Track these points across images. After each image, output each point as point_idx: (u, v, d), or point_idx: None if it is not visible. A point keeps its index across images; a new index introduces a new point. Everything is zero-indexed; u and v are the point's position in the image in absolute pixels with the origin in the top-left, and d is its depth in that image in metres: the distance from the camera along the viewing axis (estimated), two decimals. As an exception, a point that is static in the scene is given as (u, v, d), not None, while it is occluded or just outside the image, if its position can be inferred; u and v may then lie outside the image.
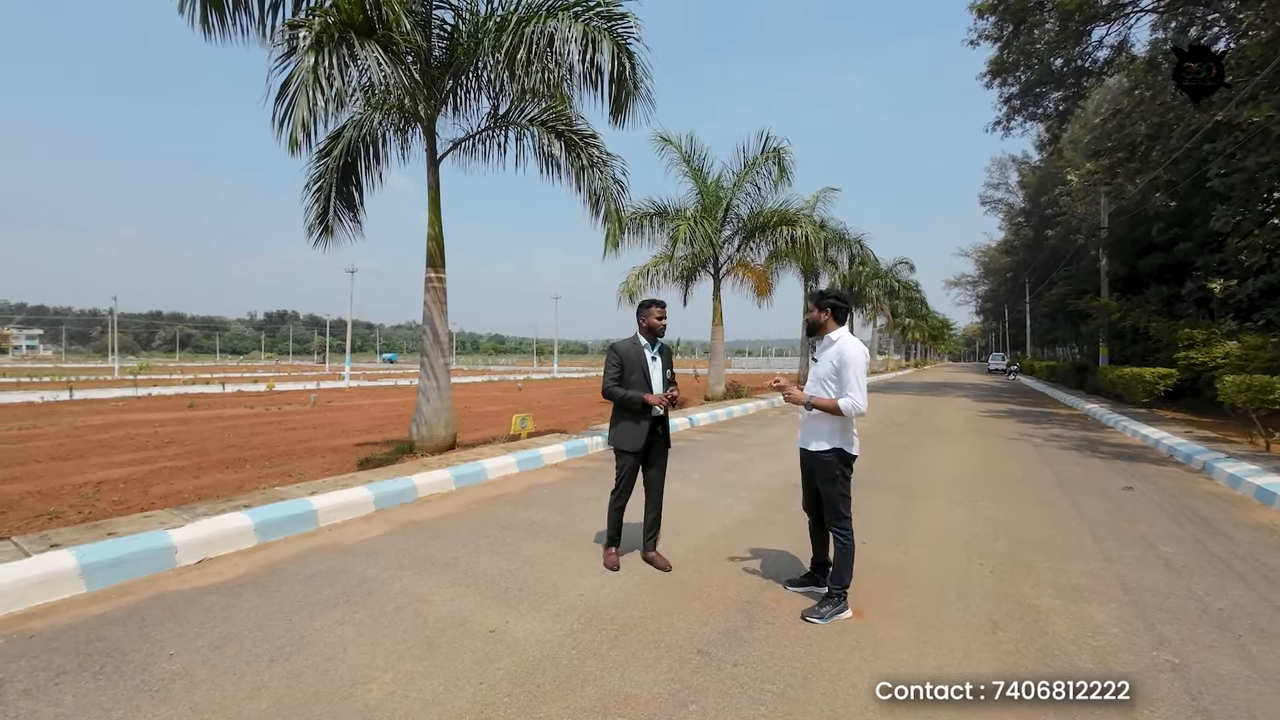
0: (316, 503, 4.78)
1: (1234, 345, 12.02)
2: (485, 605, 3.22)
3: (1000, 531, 4.66)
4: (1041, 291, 36.73)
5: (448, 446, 7.30)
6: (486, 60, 6.42)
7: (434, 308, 7.21)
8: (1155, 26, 19.61)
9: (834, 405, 3.05)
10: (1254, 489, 6.01)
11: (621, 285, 15.27)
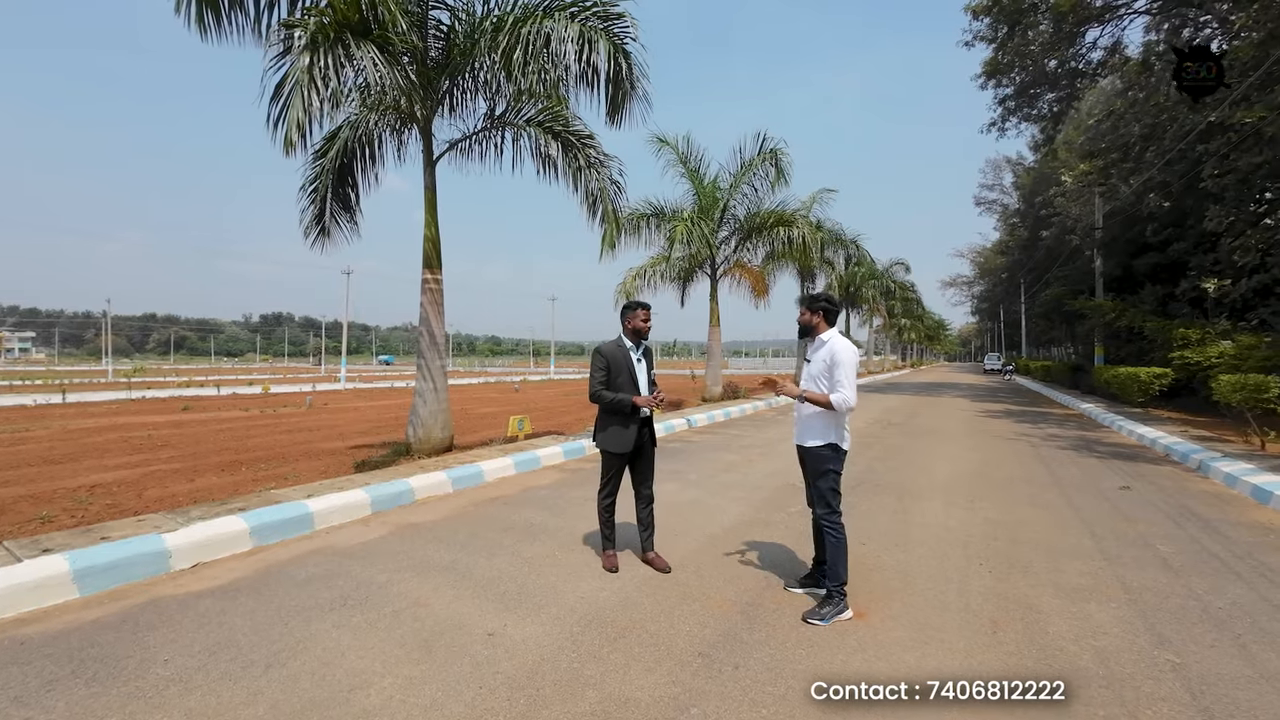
0: (313, 505, 4.74)
1: (1228, 345, 12.08)
2: (484, 608, 3.19)
3: (999, 532, 4.66)
4: (1037, 292, 36.89)
5: (445, 448, 7.27)
6: (483, 61, 6.40)
7: (430, 309, 7.18)
8: (1148, 28, 19.72)
9: (826, 400, 3.09)
10: (1250, 488, 6.03)
11: (618, 286, 15.25)
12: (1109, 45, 20.22)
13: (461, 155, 7.84)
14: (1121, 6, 18.84)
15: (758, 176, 13.80)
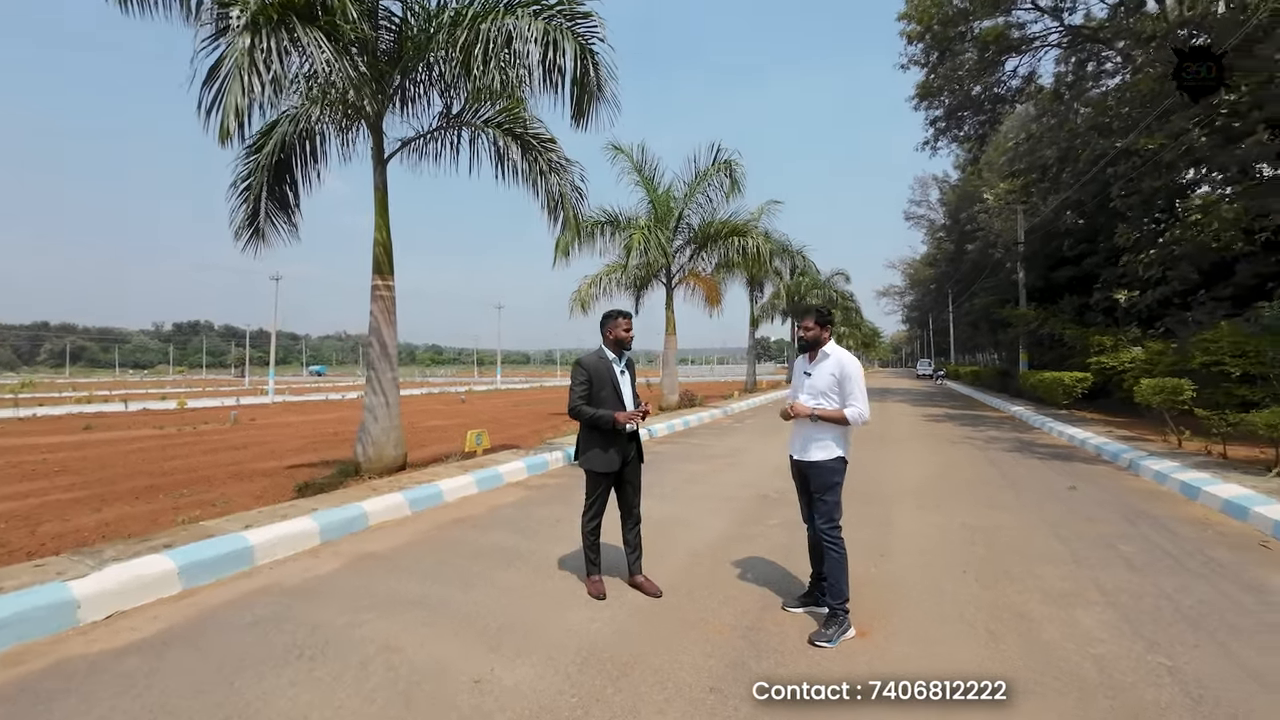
0: (253, 537, 4.23)
1: (1139, 351, 13.14)
2: (466, 649, 2.88)
3: (974, 537, 4.74)
4: (964, 301, 39.31)
5: (398, 467, 6.77)
6: (439, 56, 6.04)
7: (382, 318, 6.69)
8: (1059, 60, 21.47)
9: (840, 415, 3.00)
10: (1179, 484, 6.48)
11: (574, 294, 14.97)
12: (1026, 74, 21.91)
13: (415, 155, 7.41)
14: (1036, 39, 20.41)
15: (712, 186, 13.92)
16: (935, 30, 19.61)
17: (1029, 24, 19.72)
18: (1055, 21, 19.23)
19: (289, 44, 4.60)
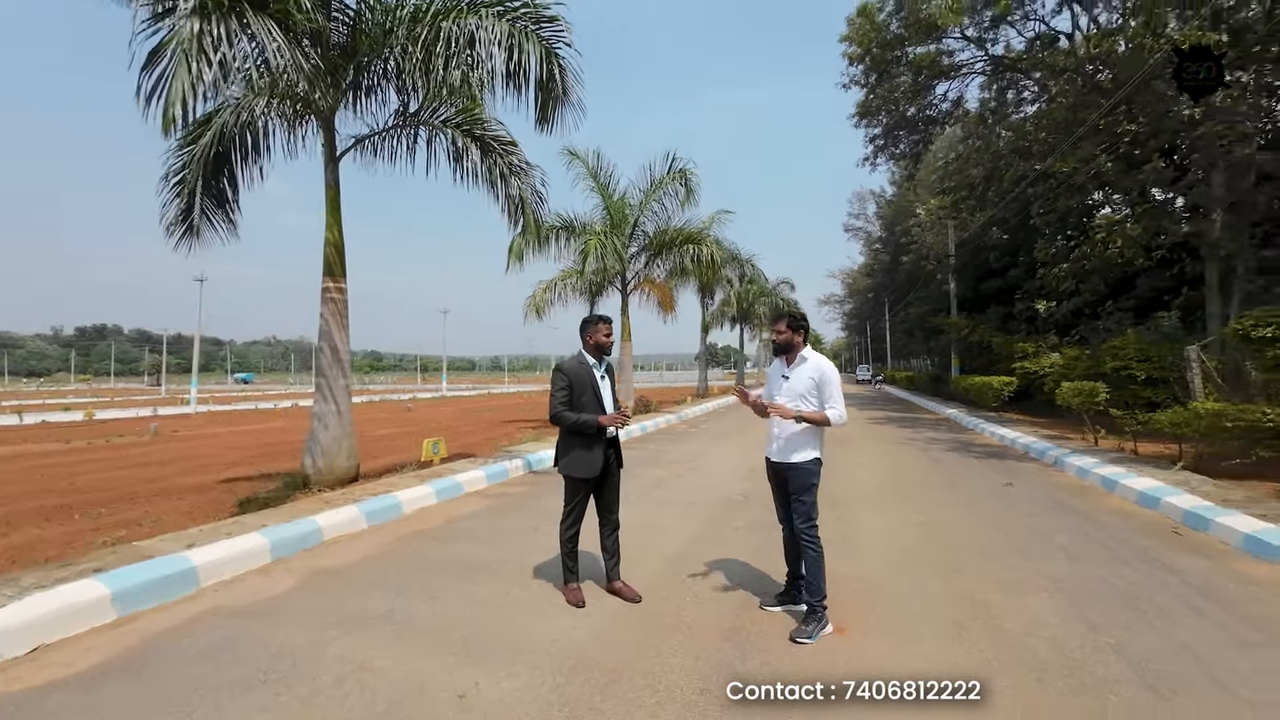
0: (196, 557, 3.92)
1: (1057, 357, 14.25)
2: (445, 663, 2.78)
3: (930, 534, 4.99)
4: (899, 310, 41.46)
5: (350, 479, 6.45)
6: (397, 53, 5.85)
7: (333, 321, 6.37)
8: (983, 87, 23.07)
9: (823, 417, 3.11)
10: (1099, 479, 7.05)
11: (529, 299, 14.77)
12: (955, 98, 23.44)
13: (369, 153, 7.12)
14: (963, 66, 21.88)
15: (668, 195, 14.10)
16: (874, 53, 20.69)
17: (957, 52, 21.12)
18: (980, 51, 20.70)
19: (239, 30, 4.33)
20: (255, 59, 4.58)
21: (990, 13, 18.93)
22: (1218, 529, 4.85)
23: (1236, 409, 6.65)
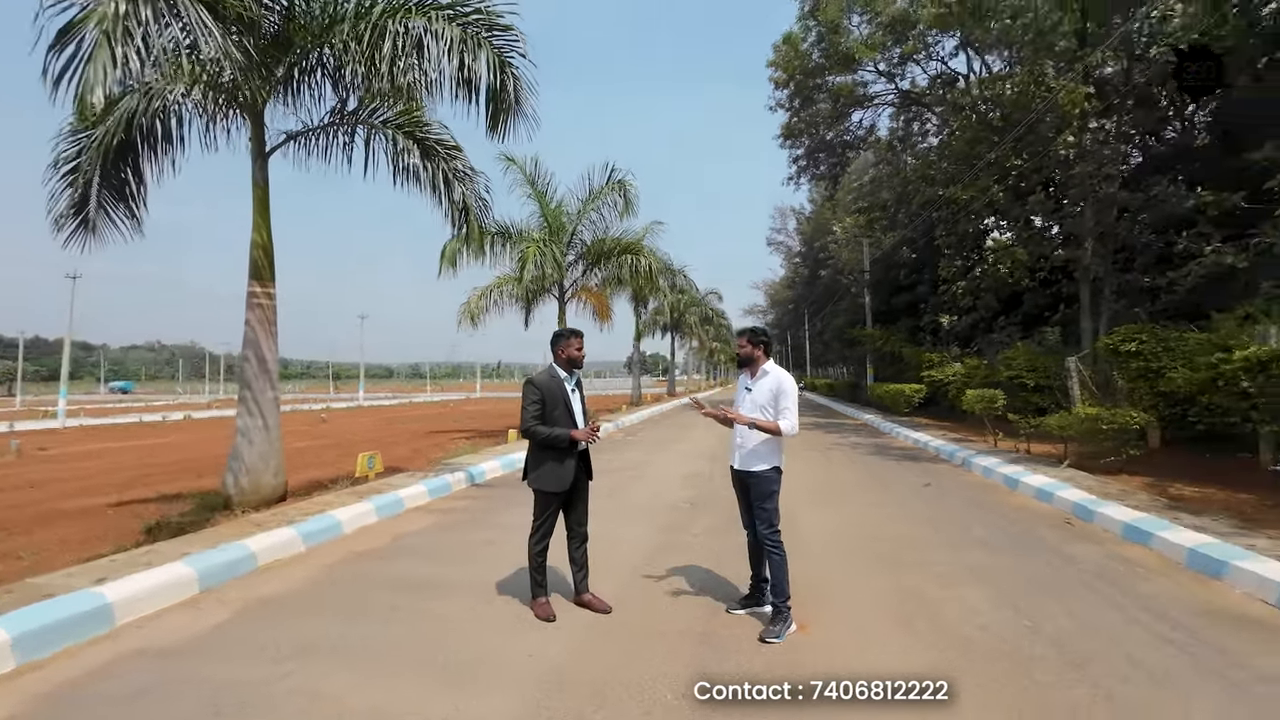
0: (109, 592, 3.52)
1: (959, 366, 15.68)
2: (418, 690, 2.68)
3: (866, 533, 5.36)
4: (818, 321, 43.87)
5: (278, 498, 5.98)
6: (339, 49, 5.57)
7: (260, 329, 5.91)
8: (893, 117, 25.08)
9: (776, 427, 3.27)
10: (1002, 477, 7.85)
11: (463, 306, 14.34)
12: (868, 126, 25.35)
13: (302, 151, 6.68)
14: (876, 97, 23.70)
15: (606, 205, 14.21)
16: (798, 80, 21.98)
17: (871, 84, 22.83)
18: (890, 84, 22.53)
19: (166, 11, 3.95)
20: (184, 44, 4.20)
21: (899, 50, 20.61)
22: (1101, 519, 5.56)
23: (1110, 413, 7.65)
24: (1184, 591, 3.89)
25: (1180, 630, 3.28)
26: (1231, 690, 2.67)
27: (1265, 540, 4.52)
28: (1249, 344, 6.89)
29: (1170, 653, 3.02)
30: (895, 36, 19.62)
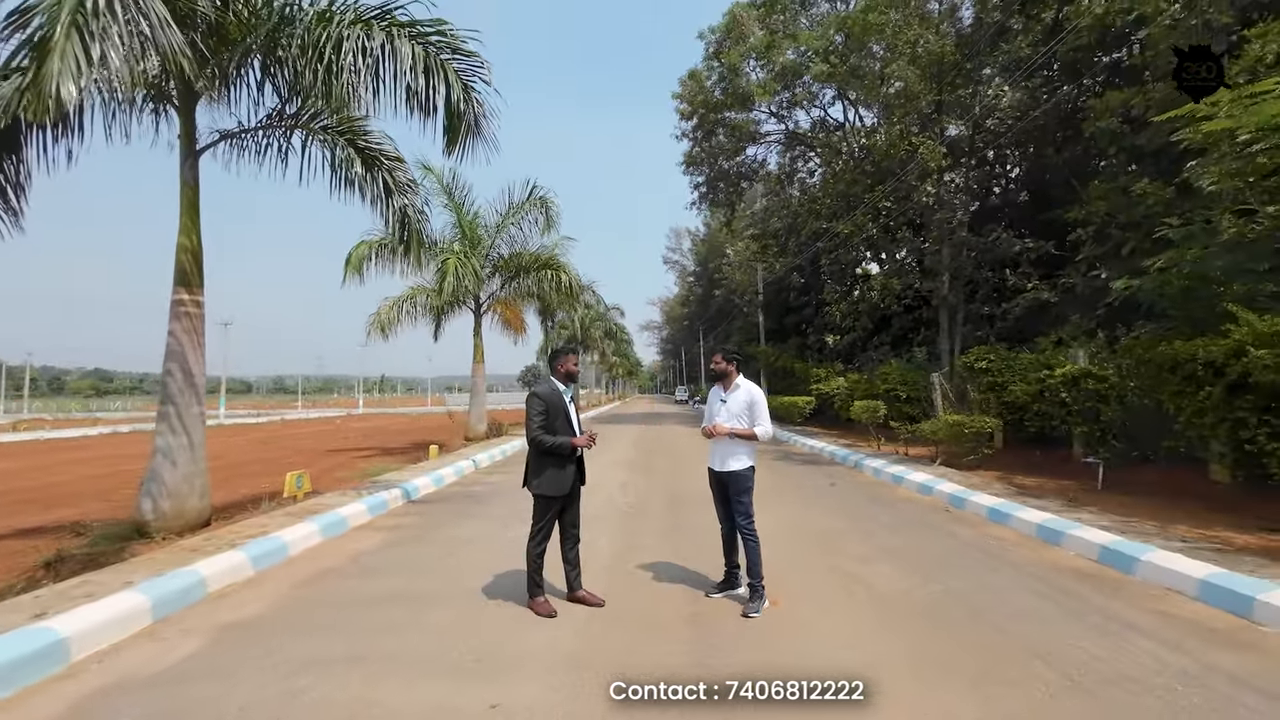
0: (60, 626, 3.22)
1: (843, 381, 17.67)
2: (458, 685, 2.85)
3: (794, 526, 6.12)
4: (712, 338, 46.32)
5: (203, 522, 5.52)
6: (292, 50, 5.40)
7: (186, 340, 5.45)
8: (781, 154, 27.66)
9: (752, 433, 3.84)
10: (890, 476, 9.16)
11: (373, 317, 13.66)
12: (761, 160, 27.72)
13: (233, 151, 6.25)
14: (768, 135, 26.04)
15: (526, 220, 14.35)
16: (701, 113, 23.61)
17: (763, 122, 25.07)
18: (780, 124, 24.91)
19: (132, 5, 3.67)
20: (137, 35, 3.90)
21: (788, 95, 22.89)
22: (971, 505, 6.81)
23: (969, 419, 9.27)
24: (1036, 555, 5.02)
25: (1040, 582, 4.30)
26: (1074, 616, 3.64)
27: (1086, 515, 5.90)
28: (1065, 363, 8.77)
29: (1036, 597, 3.99)
30: (785, 83, 21.80)
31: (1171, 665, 3.02)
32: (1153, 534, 5.16)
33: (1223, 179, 6.15)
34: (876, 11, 14.91)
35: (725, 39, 22.16)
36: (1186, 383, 6.10)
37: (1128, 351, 7.35)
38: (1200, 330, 6.31)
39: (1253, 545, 4.86)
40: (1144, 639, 3.33)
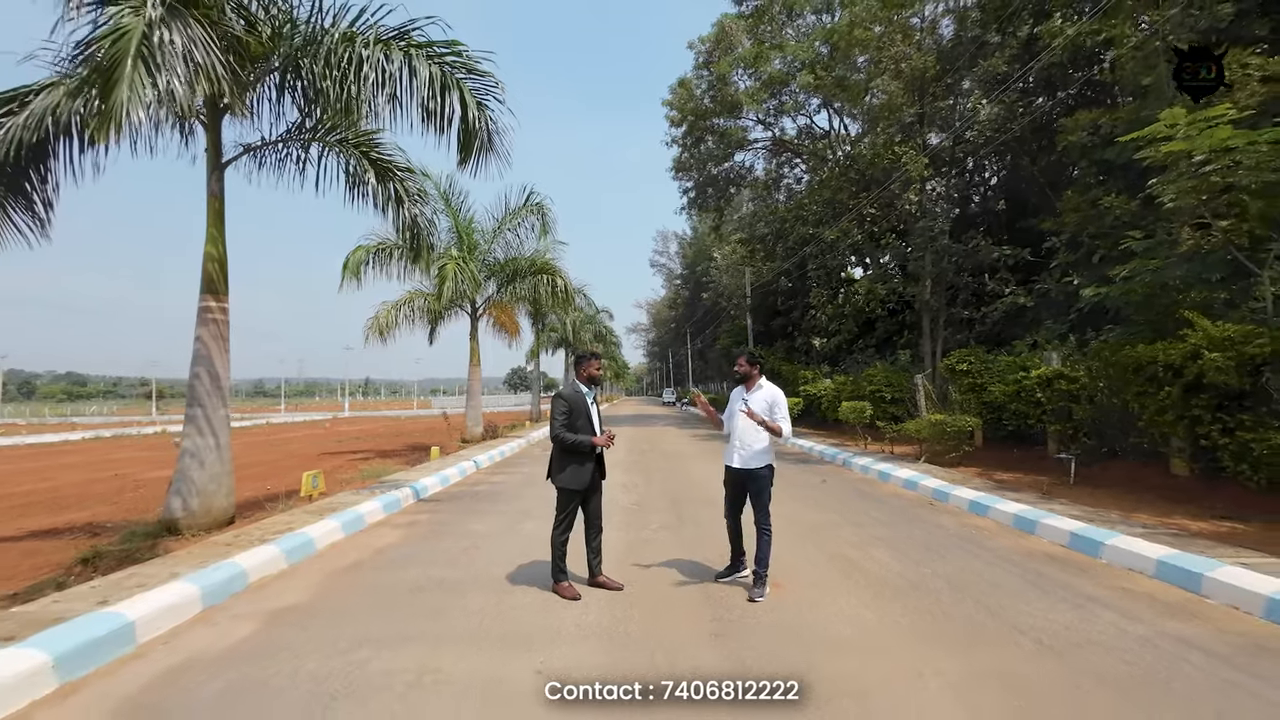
0: (128, 610, 3.49)
1: (830, 383, 18.19)
2: (503, 655, 3.17)
3: (791, 519, 6.47)
4: (699, 340, 46.83)
5: (227, 521, 5.75)
6: (318, 71, 5.68)
7: (213, 345, 5.69)
8: (768, 160, 28.27)
9: (779, 429, 4.16)
10: (877, 473, 9.62)
11: (370, 321, 13.85)
12: (749, 166, 28.29)
13: (253, 163, 6.49)
14: (756, 141, 26.62)
15: (523, 225, 14.65)
16: (690, 120, 24.09)
17: (751, 128, 25.65)
18: (767, 131, 25.49)
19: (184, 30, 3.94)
20: (192, 63, 4.17)
21: (775, 103, 23.46)
22: (954, 499, 7.28)
23: (951, 419, 9.77)
24: (1013, 542, 5.46)
25: (1016, 565, 4.74)
26: (1046, 593, 4.07)
27: (1058, 506, 6.38)
28: (1040, 365, 9.31)
29: (1013, 577, 4.42)
30: (772, 92, 22.36)
31: (1129, 632, 3.45)
32: (1117, 522, 5.64)
33: (1181, 196, 6.68)
34: (861, 27, 15.46)
35: (714, 49, 22.68)
36: (1148, 383, 6.63)
37: (1096, 354, 7.88)
38: (1161, 335, 6.84)
39: (1206, 531, 5.36)
40: (1106, 610, 3.77)
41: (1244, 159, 6.12)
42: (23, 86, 5.58)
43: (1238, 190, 6.25)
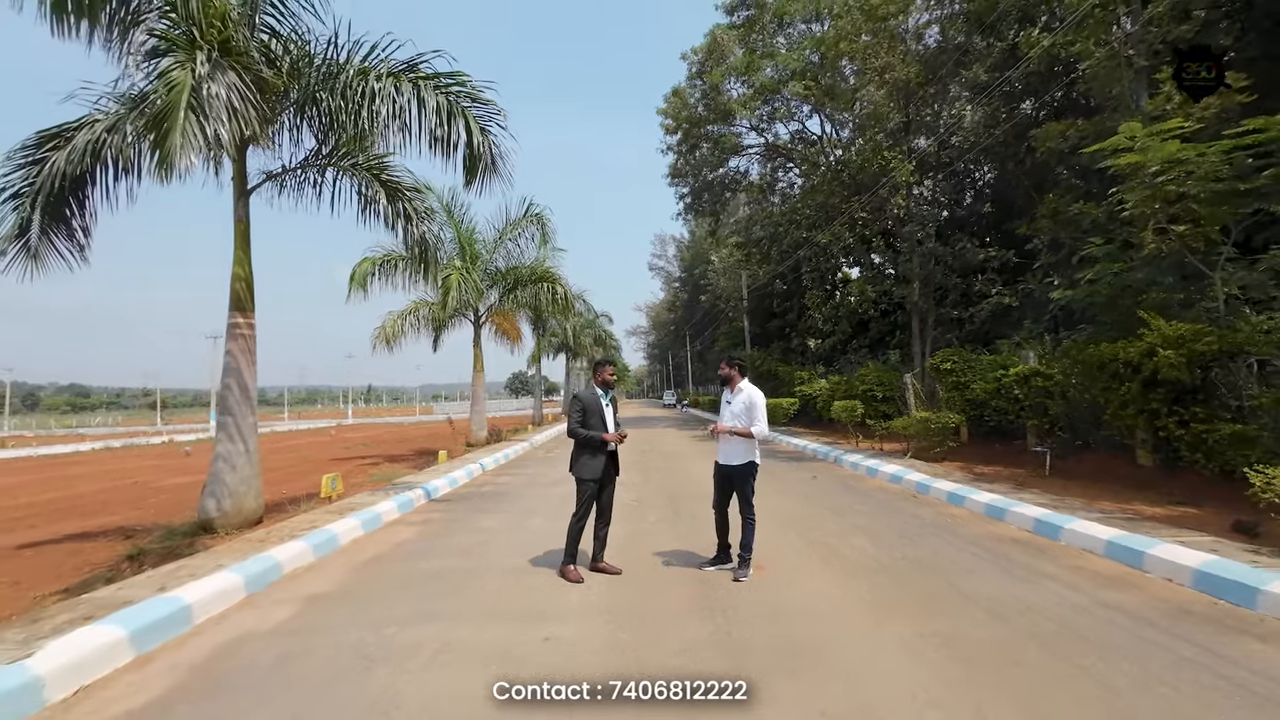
0: (183, 595, 3.96)
1: (824, 383, 18.66)
2: (515, 629, 3.63)
3: (778, 512, 6.95)
4: (698, 343, 47.28)
5: (256, 520, 6.22)
6: (335, 102, 6.16)
7: (241, 358, 6.17)
8: (762, 164, 28.75)
9: (749, 432, 4.64)
10: (866, 469, 10.07)
11: (378, 330, 14.34)
12: (743, 171, 28.78)
13: (274, 188, 6.98)
14: (750, 147, 27.11)
15: (523, 236, 15.14)
16: (685, 128, 24.60)
17: (745, 134, 26.14)
18: (760, 137, 25.98)
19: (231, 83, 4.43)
20: (231, 109, 4.66)
21: (767, 109, 23.95)
22: (935, 491, 7.73)
23: (936, 416, 10.23)
24: (984, 529, 5.92)
25: (982, 548, 5.20)
26: (1005, 571, 4.53)
27: (1029, 495, 6.84)
28: (1019, 363, 9.77)
29: (981, 560, 4.88)
30: (764, 99, 22.85)
31: (1069, 600, 3.91)
32: (1080, 508, 6.10)
33: (1139, 203, 7.15)
34: (846, 40, 15.95)
35: (707, 60, 23.18)
36: (1112, 380, 7.09)
37: (1067, 353, 8.35)
38: (1125, 334, 7.29)
39: (1159, 515, 5.82)
40: (1054, 584, 4.23)
41: (1195, 169, 6.59)
42: (67, 123, 6.06)
43: (1189, 199, 6.72)
